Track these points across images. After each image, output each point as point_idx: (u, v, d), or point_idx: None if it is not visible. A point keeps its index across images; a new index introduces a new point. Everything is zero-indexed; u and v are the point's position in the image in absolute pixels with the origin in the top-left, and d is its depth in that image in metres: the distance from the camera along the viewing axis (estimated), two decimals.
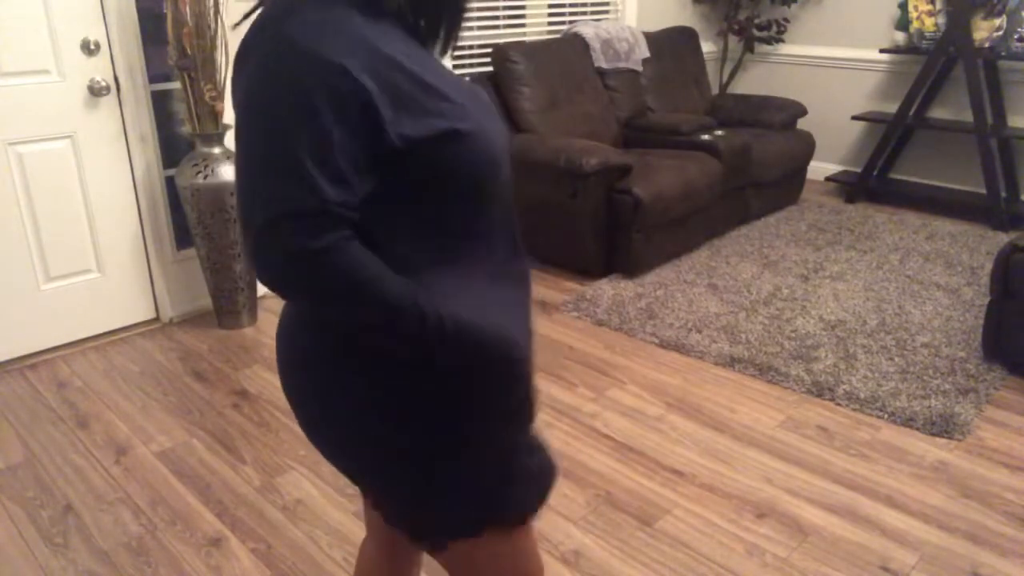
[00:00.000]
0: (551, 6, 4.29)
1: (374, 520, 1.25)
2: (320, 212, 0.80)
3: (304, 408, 1.01)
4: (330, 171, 0.81)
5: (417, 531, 1.03)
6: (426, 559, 1.84)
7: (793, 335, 2.94)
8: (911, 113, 4.50)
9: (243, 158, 0.83)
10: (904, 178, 4.84)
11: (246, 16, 0.98)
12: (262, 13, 0.87)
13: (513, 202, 1.02)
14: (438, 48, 0.99)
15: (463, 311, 0.89)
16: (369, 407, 0.94)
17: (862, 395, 2.53)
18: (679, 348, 2.87)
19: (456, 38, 1.00)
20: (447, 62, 3.81)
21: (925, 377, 2.63)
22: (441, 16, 0.97)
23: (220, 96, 2.76)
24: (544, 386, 2.62)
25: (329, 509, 2.03)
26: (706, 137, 3.89)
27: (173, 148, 2.99)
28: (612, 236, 3.47)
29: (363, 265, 0.83)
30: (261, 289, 3.28)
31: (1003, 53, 4.08)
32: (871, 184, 4.64)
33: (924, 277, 3.48)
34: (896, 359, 2.75)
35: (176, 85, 2.88)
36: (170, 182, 3.01)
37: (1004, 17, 4.05)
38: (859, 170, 4.86)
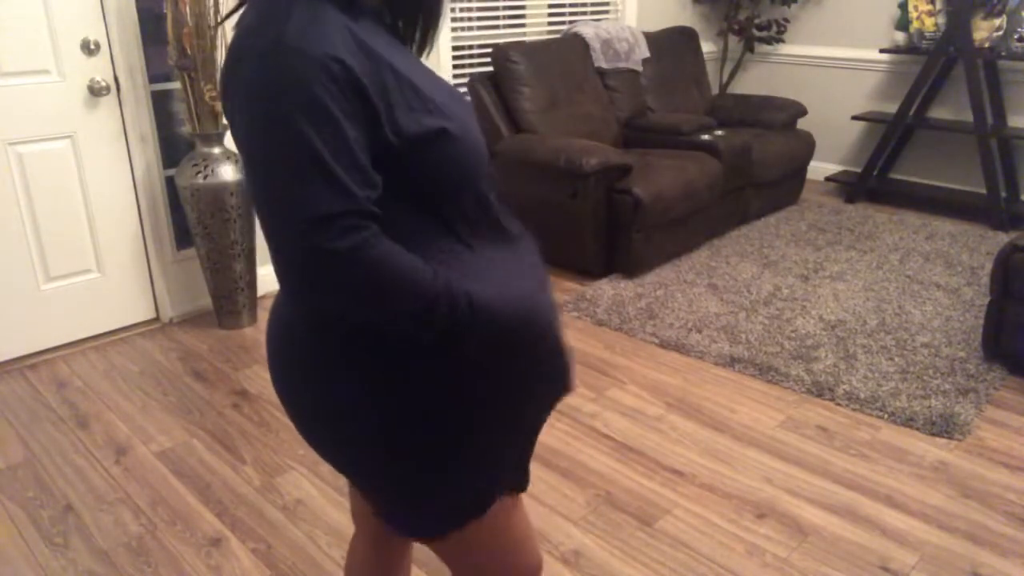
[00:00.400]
0: (551, 6, 4.29)
1: (363, 517, 1.25)
2: (350, 211, 0.80)
3: (300, 408, 1.01)
4: (350, 167, 0.80)
5: (415, 529, 1.03)
6: (421, 555, 1.84)
7: (793, 335, 2.94)
8: (911, 113, 4.50)
9: (259, 166, 0.81)
10: (904, 178, 4.84)
11: (233, 11, 0.98)
12: (248, 18, 0.86)
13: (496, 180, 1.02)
14: (415, 48, 1.00)
15: (482, 289, 0.89)
16: (369, 407, 0.94)
17: (862, 395, 2.53)
18: (679, 348, 2.87)
19: (433, 38, 1.00)
20: (447, 61, 3.81)
21: (925, 377, 2.63)
22: (418, 16, 0.97)
23: (220, 96, 2.76)
24: None
25: (329, 509, 2.03)
26: (706, 137, 3.89)
27: (173, 148, 2.99)
28: (612, 236, 3.47)
29: (395, 257, 0.83)
30: (261, 289, 3.28)
31: (1003, 53, 4.08)
32: (871, 184, 4.64)
33: (924, 277, 3.48)
34: (896, 359, 2.75)
35: (176, 85, 2.88)
36: (170, 182, 3.01)
37: (1004, 17, 4.06)
38: (859, 170, 4.86)
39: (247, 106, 0.82)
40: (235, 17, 0.99)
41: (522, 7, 4.15)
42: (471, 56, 3.97)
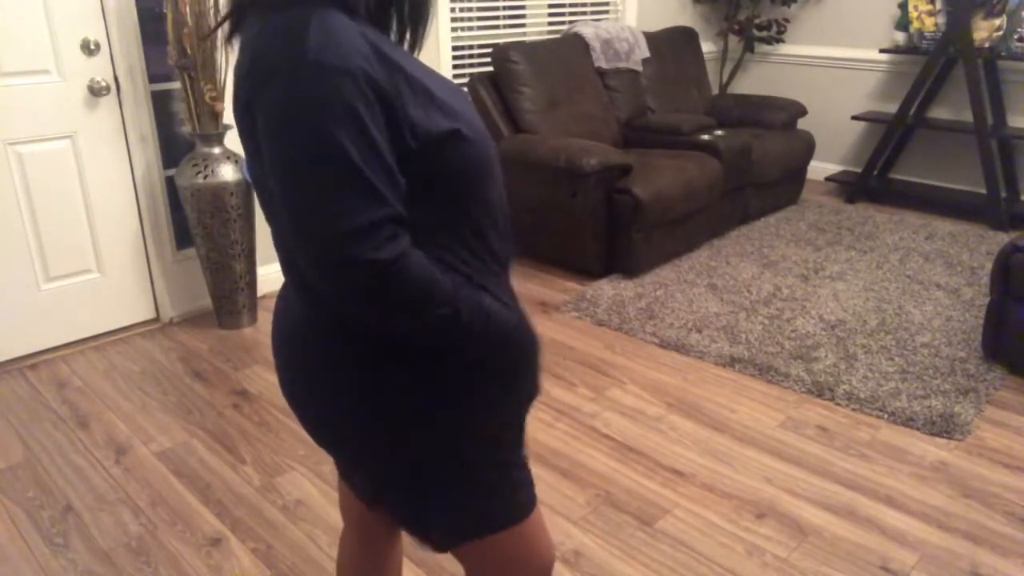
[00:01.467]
0: (551, 6, 4.29)
1: (352, 512, 1.26)
2: (387, 218, 0.81)
3: (314, 412, 1.01)
4: (382, 174, 0.81)
5: (430, 539, 1.04)
6: (422, 555, 1.84)
7: (793, 335, 2.94)
8: (911, 113, 4.50)
9: (293, 180, 0.81)
10: (904, 178, 4.84)
11: (223, 21, 0.97)
12: (263, 35, 0.86)
13: (504, 201, 1.03)
14: (407, 47, 1.00)
15: (492, 303, 0.93)
16: (384, 415, 0.95)
17: (862, 395, 2.53)
18: (679, 348, 2.87)
19: (422, 37, 1.00)
20: (447, 61, 3.81)
21: (925, 377, 2.63)
22: (403, 15, 0.97)
23: (220, 96, 2.76)
24: (544, 386, 2.62)
25: (329, 509, 2.03)
26: (706, 137, 3.89)
27: (173, 148, 2.99)
28: (612, 236, 3.47)
29: (425, 269, 0.85)
30: (261, 289, 3.28)
31: (1003, 53, 4.08)
32: (871, 184, 4.64)
33: (924, 277, 3.48)
34: (896, 359, 2.75)
35: (176, 85, 2.88)
36: (170, 182, 3.01)
37: (1004, 17, 4.05)
38: (859, 170, 4.86)
39: (278, 124, 0.82)
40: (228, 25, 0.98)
41: (522, 7, 4.15)
42: (471, 56, 3.97)
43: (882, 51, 4.55)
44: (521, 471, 1.05)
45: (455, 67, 3.90)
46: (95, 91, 2.74)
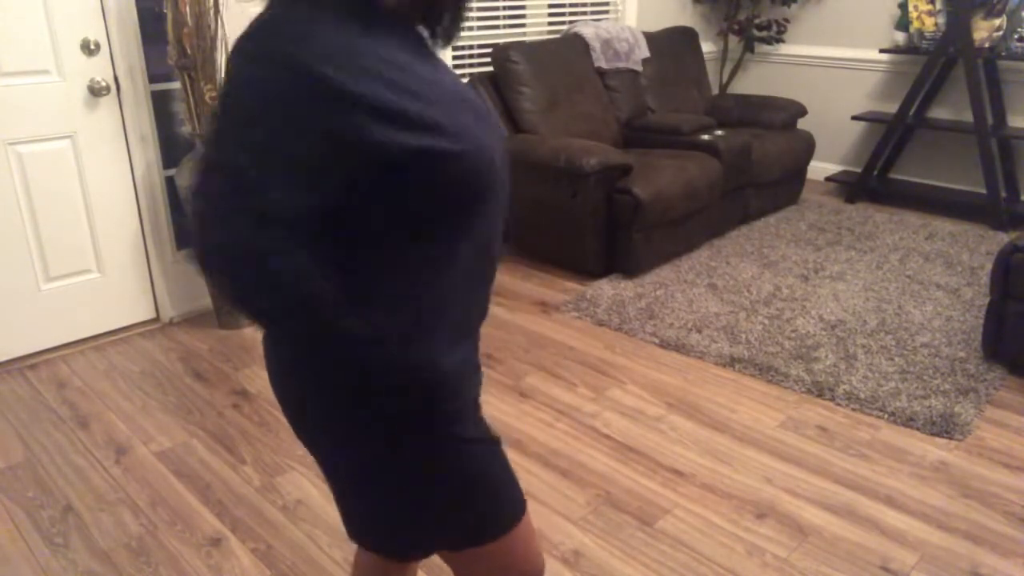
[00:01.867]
0: (551, 6, 4.29)
1: None
2: (293, 219, 0.81)
3: (308, 416, 1.02)
4: (294, 176, 0.81)
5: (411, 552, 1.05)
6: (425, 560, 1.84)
7: (793, 335, 2.94)
8: (911, 113, 4.50)
9: (216, 152, 0.83)
10: (904, 178, 4.84)
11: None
12: (257, 19, 0.87)
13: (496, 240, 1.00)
14: (439, 43, 0.99)
15: (349, 327, 0.89)
16: (384, 416, 0.95)
17: (862, 395, 2.53)
18: (679, 348, 2.87)
19: (458, 31, 0.99)
20: (447, 62, 3.81)
21: (925, 377, 2.63)
22: (442, 10, 0.96)
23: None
24: (544, 386, 2.62)
25: (329, 509, 2.03)
26: (706, 137, 3.88)
27: (173, 148, 2.99)
28: (612, 236, 3.47)
29: (297, 274, 0.82)
30: None
31: (1003, 53, 4.08)
32: (871, 184, 4.64)
33: (924, 277, 3.48)
34: (896, 359, 2.75)
35: (176, 85, 2.88)
36: (170, 182, 3.01)
37: (1004, 17, 4.05)
38: (859, 170, 4.86)
39: (225, 99, 0.83)
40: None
41: (522, 7, 4.15)
42: (471, 56, 3.97)
43: (882, 51, 4.55)
44: (504, 475, 1.04)
45: (455, 67, 3.90)
46: (95, 91, 2.74)
